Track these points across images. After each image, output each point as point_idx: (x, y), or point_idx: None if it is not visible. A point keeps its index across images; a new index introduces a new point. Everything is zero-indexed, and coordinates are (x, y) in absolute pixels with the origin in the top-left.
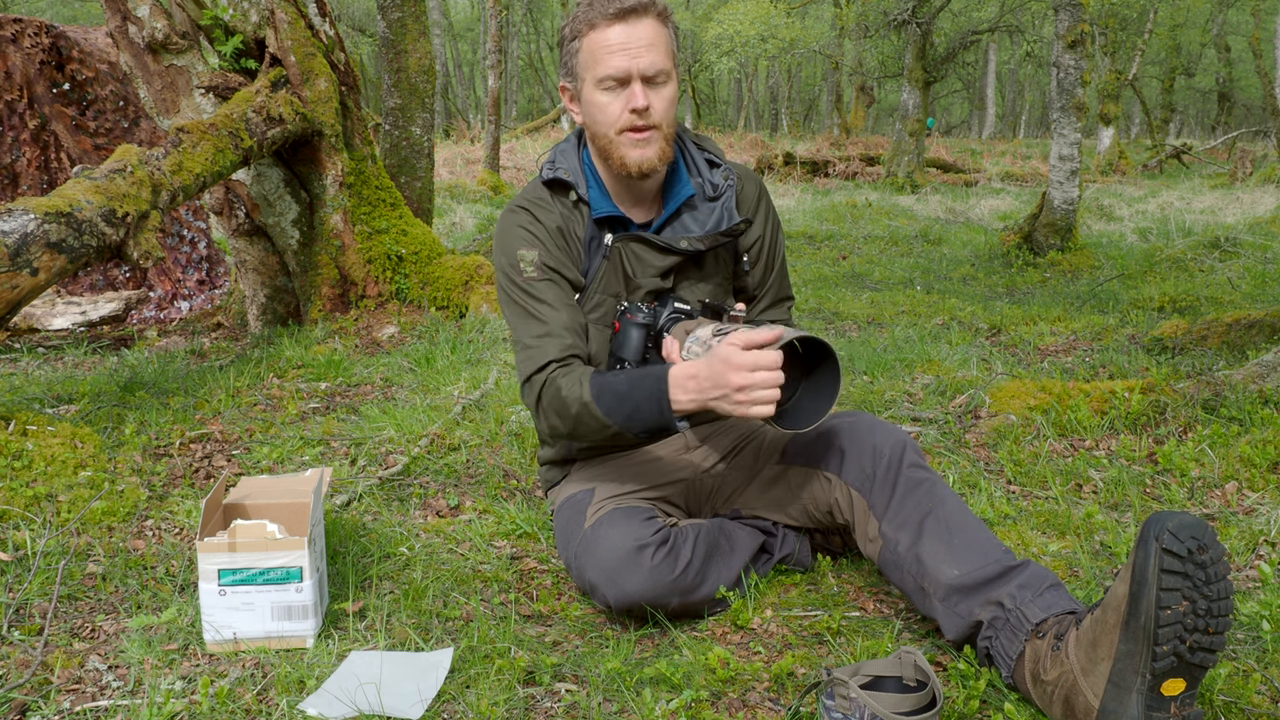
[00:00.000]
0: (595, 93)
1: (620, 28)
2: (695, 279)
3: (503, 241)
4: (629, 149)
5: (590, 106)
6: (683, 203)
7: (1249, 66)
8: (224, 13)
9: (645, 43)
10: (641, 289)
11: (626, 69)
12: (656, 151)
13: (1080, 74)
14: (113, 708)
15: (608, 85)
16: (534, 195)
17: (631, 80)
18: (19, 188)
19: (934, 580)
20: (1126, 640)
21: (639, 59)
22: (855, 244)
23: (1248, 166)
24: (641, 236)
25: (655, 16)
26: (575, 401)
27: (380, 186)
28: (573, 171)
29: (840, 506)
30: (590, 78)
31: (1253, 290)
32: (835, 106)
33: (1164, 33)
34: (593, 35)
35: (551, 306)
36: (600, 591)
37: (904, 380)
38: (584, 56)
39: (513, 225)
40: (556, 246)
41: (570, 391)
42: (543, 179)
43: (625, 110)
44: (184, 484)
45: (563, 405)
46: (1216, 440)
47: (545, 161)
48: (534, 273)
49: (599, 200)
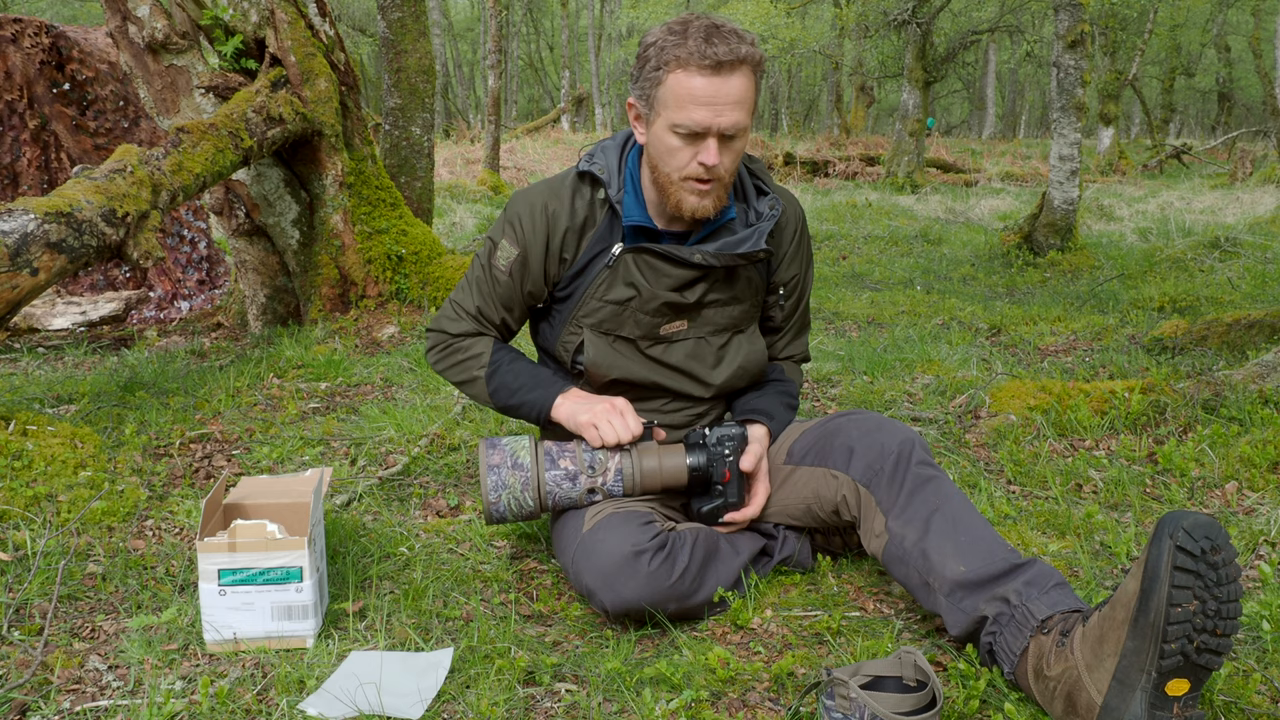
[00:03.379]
0: (667, 133)
1: (712, 80)
2: (724, 302)
3: (503, 217)
4: (688, 195)
5: (658, 142)
6: (721, 225)
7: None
8: (224, 13)
9: (732, 100)
10: (657, 300)
11: (707, 125)
12: (714, 201)
13: (1080, 74)
14: (113, 708)
15: (682, 133)
16: (559, 188)
17: (709, 136)
18: (19, 188)
19: (939, 576)
20: (1134, 637)
21: (721, 117)
22: (855, 244)
23: (1248, 166)
24: (652, 248)
25: (749, 69)
26: (475, 376)
27: (380, 186)
28: (609, 171)
29: (848, 503)
30: (666, 117)
31: (1253, 290)
32: (835, 106)
33: (1164, 33)
34: (680, 76)
35: (495, 298)
36: (598, 597)
37: (904, 380)
38: (664, 93)
39: (517, 215)
40: (543, 254)
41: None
42: (579, 169)
43: (694, 161)
44: (184, 484)
45: (457, 371)
46: (1216, 440)
47: (587, 152)
48: (502, 267)
49: (632, 208)
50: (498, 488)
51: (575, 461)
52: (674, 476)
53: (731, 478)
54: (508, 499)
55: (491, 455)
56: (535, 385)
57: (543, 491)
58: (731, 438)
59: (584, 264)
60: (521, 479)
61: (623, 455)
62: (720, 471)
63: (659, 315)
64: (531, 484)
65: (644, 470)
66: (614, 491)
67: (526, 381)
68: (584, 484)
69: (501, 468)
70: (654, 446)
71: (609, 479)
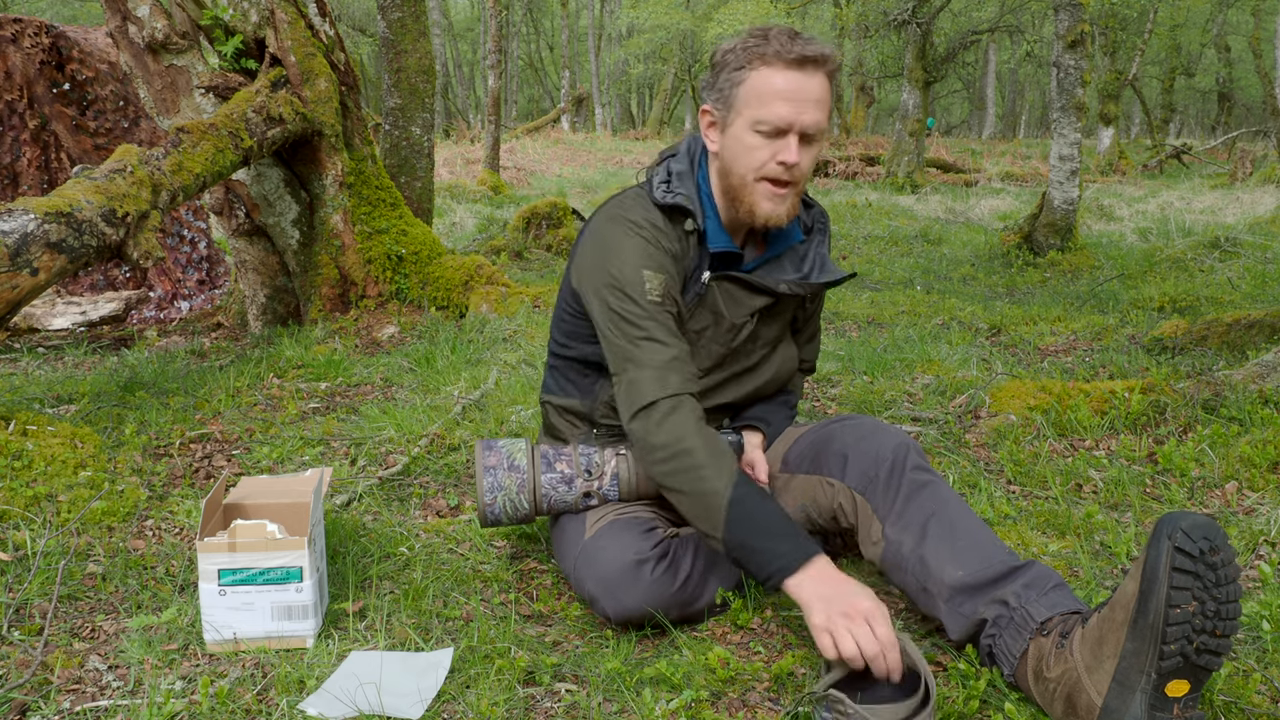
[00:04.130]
0: (747, 132)
1: (796, 76)
2: (772, 318)
3: (622, 255)
4: (763, 199)
5: (736, 143)
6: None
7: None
8: (224, 13)
9: (815, 98)
10: (734, 328)
11: (790, 121)
12: (788, 209)
13: (1080, 74)
14: (113, 708)
15: (764, 129)
16: (651, 217)
17: (790, 133)
18: (19, 188)
19: (938, 581)
20: (1134, 638)
21: (804, 114)
22: (855, 244)
23: (1248, 166)
24: (738, 276)
25: (828, 73)
26: (710, 480)
27: (380, 186)
28: (691, 199)
29: (844, 511)
30: (747, 115)
31: (1253, 290)
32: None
33: (1164, 33)
34: (764, 72)
35: (674, 335)
36: (600, 604)
37: (904, 380)
38: (745, 91)
39: (636, 242)
40: (675, 277)
41: (710, 458)
42: (658, 200)
43: (773, 160)
44: (184, 484)
45: (692, 466)
46: (1216, 440)
47: (657, 178)
48: (658, 298)
49: (715, 233)
50: (493, 489)
51: (572, 465)
52: None
53: None
54: (503, 501)
55: (488, 456)
56: (785, 535)
57: (538, 494)
58: (729, 443)
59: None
60: (517, 481)
61: (619, 460)
62: None
63: (728, 345)
64: (527, 486)
65: (640, 475)
66: (610, 496)
67: (776, 526)
68: (580, 488)
69: (497, 469)
70: None
71: (605, 483)
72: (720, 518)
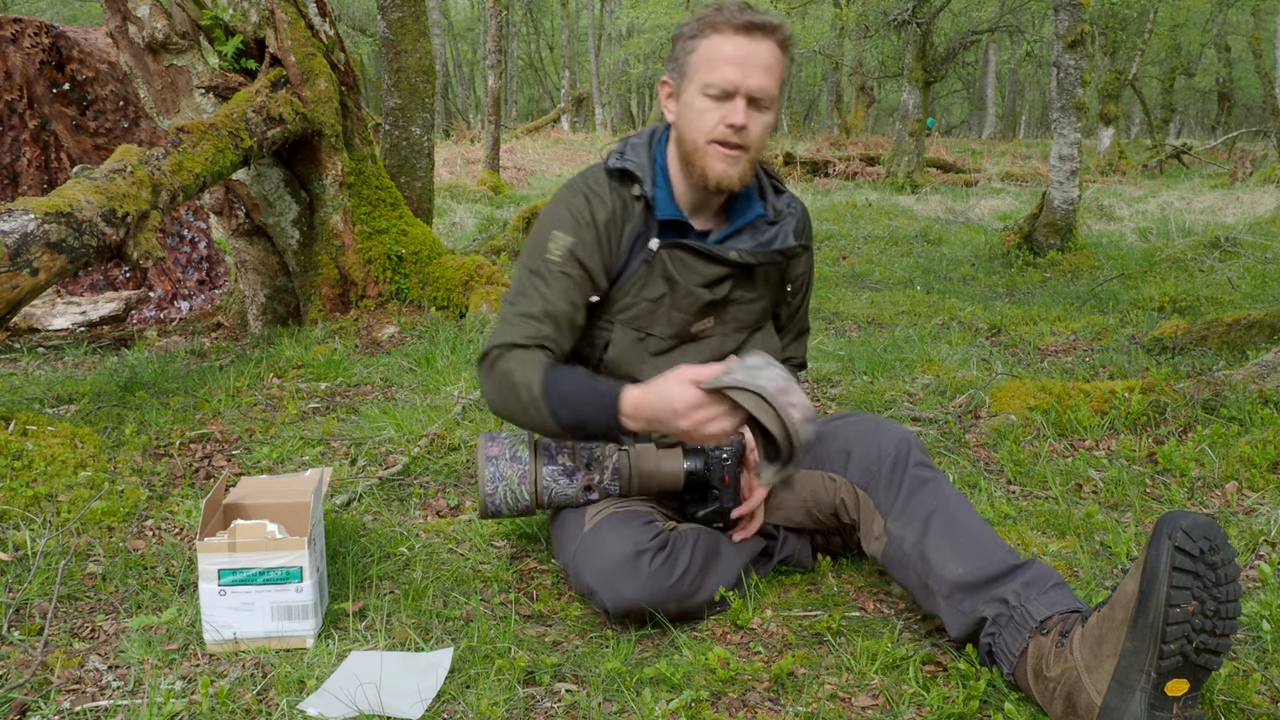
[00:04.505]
0: (697, 97)
1: (743, 40)
2: (748, 299)
3: (547, 214)
4: (714, 161)
5: (688, 109)
6: (748, 222)
7: (1249, 66)
8: (224, 13)
9: (762, 64)
10: (690, 296)
11: (736, 83)
12: (739, 172)
13: (1080, 74)
14: (113, 708)
15: (712, 93)
16: (594, 182)
17: (737, 95)
18: (19, 188)
19: (938, 577)
20: (1134, 638)
21: (751, 77)
22: (855, 244)
23: (1248, 166)
24: (689, 244)
25: (778, 41)
26: (524, 388)
27: (380, 186)
28: (641, 167)
29: (846, 506)
30: (698, 80)
31: (1253, 290)
32: (835, 106)
33: (1164, 33)
34: (714, 39)
35: (553, 294)
36: (598, 596)
37: (904, 380)
38: (697, 58)
39: (563, 204)
40: (595, 241)
41: (521, 376)
42: (608, 166)
43: (722, 123)
44: (184, 484)
45: (511, 387)
46: (1216, 440)
47: (613, 150)
48: (557, 257)
49: (664, 202)
50: (495, 479)
51: (573, 458)
52: (670, 480)
53: (730, 481)
54: (504, 491)
55: (490, 447)
56: (598, 392)
57: (539, 486)
58: (730, 442)
59: (624, 260)
60: (519, 472)
61: (621, 454)
62: (719, 475)
63: (691, 312)
64: (529, 477)
65: (641, 472)
66: (610, 490)
67: (588, 389)
68: (581, 480)
69: (500, 459)
70: (652, 449)
71: (606, 477)
72: (546, 418)
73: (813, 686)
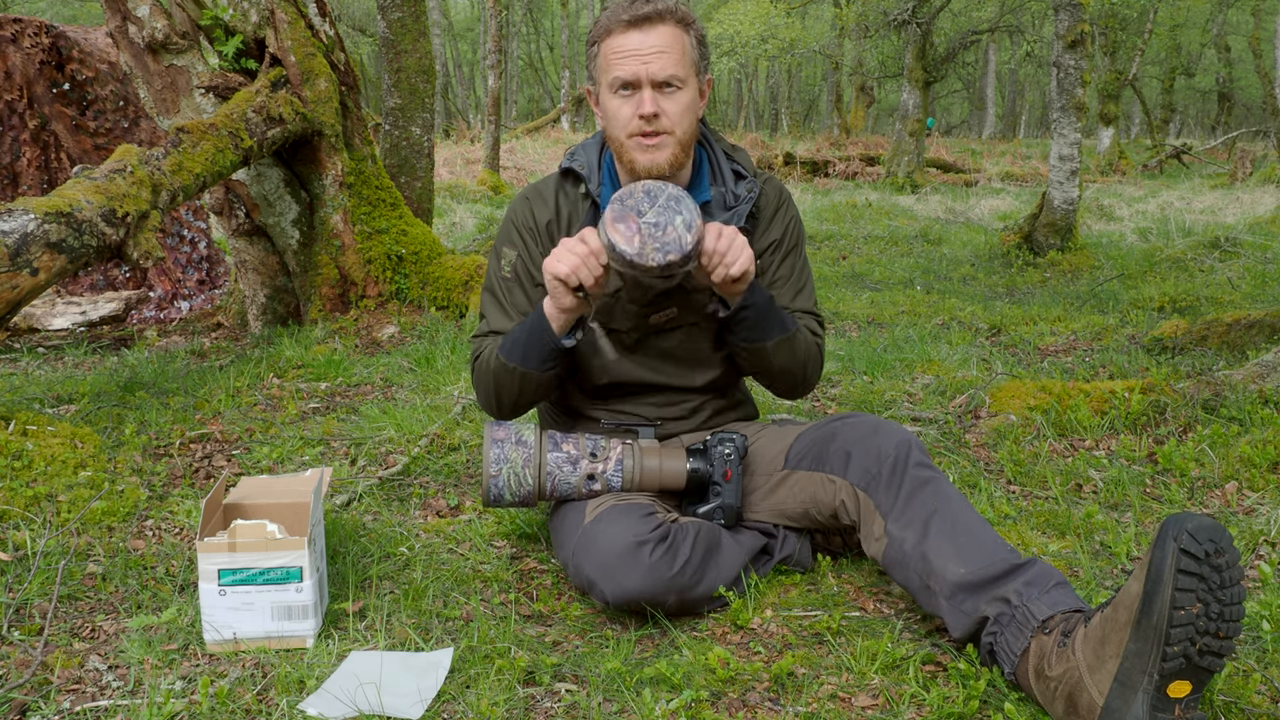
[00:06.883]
0: (609, 97)
1: (634, 34)
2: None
3: (500, 229)
4: (638, 153)
5: (606, 110)
6: None
7: (1249, 66)
8: (224, 13)
9: (657, 49)
10: (641, 287)
11: (636, 74)
12: (667, 157)
13: (1080, 74)
14: (113, 708)
15: (619, 90)
16: (541, 185)
17: (641, 86)
18: (19, 188)
19: (940, 578)
20: (1137, 639)
21: (649, 64)
22: (855, 244)
23: (1248, 166)
24: None
25: (674, 23)
26: (491, 359)
27: (380, 186)
28: (588, 166)
29: (846, 508)
30: (605, 82)
31: (1253, 290)
32: (835, 106)
33: (1164, 33)
34: (609, 41)
35: (511, 308)
36: (598, 588)
37: (904, 380)
38: (601, 61)
39: (509, 217)
40: (538, 245)
41: (485, 356)
42: (560, 168)
43: (634, 116)
44: (184, 484)
45: (484, 370)
46: (1216, 440)
47: (568, 152)
48: (509, 273)
49: (608, 197)
50: (499, 460)
51: (578, 447)
52: (673, 478)
53: (733, 477)
54: (508, 473)
55: (496, 431)
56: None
57: (543, 471)
58: (733, 439)
59: None
60: (524, 455)
61: (625, 448)
62: (721, 470)
63: (643, 304)
64: (533, 461)
65: (644, 468)
66: (613, 482)
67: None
68: (584, 469)
69: (505, 443)
70: (657, 447)
71: (609, 467)
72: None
73: (813, 686)
